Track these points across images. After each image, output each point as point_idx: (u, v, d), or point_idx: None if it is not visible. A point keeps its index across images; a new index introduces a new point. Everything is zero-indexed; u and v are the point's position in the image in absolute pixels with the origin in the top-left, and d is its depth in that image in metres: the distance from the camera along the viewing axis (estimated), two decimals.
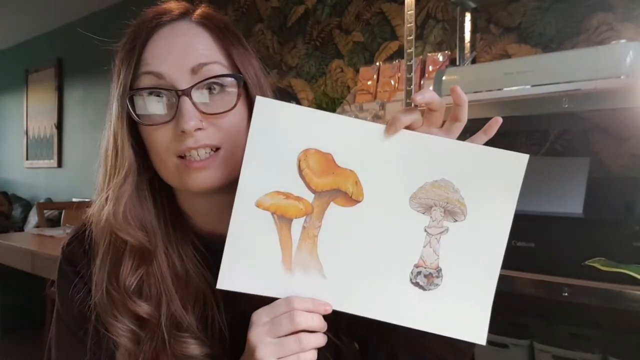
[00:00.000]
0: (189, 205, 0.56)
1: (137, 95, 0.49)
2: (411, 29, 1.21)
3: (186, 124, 0.47)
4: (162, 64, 0.49)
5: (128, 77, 0.49)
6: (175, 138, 0.48)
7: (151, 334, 0.50)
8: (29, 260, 1.95)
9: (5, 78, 4.69)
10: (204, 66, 0.49)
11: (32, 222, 3.53)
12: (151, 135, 0.49)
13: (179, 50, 0.49)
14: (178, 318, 0.51)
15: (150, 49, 0.49)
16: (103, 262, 0.51)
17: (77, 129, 3.81)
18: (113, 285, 0.50)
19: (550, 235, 1.02)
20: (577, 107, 0.96)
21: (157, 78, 0.49)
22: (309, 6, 2.10)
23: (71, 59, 3.88)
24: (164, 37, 0.50)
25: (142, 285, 0.51)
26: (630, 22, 1.26)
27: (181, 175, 0.50)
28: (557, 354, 1.09)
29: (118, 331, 0.50)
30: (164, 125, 0.49)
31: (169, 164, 0.50)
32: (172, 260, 0.52)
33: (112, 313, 0.50)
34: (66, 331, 0.57)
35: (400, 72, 1.65)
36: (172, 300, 0.51)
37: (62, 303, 0.57)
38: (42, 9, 3.57)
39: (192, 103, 0.48)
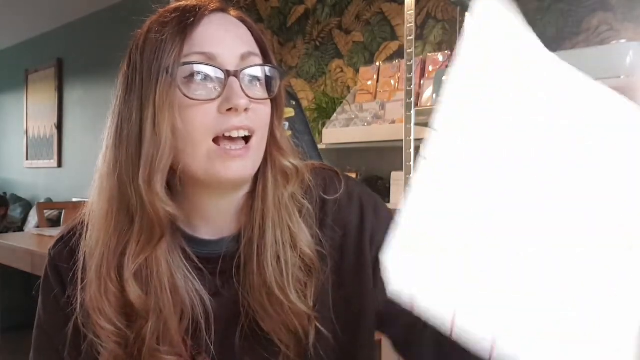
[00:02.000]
0: (199, 203, 0.54)
1: (181, 72, 0.48)
2: (411, 29, 1.21)
3: (239, 100, 0.47)
4: (214, 46, 0.49)
5: (176, 53, 0.47)
6: (219, 117, 0.48)
7: (135, 339, 0.49)
8: (29, 260, 1.95)
9: (5, 78, 4.69)
10: (250, 55, 0.51)
11: (32, 222, 3.53)
12: (192, 112, 0.48)
13: (231, 36, 0.50)
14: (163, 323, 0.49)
15: (202, 31, 0.49)
16: (104, 251, 0.50)
17: (77, 129, 3.81)
18: (111, 276, 0.49)
19: None
20: None
21: (208, 59, 0.49)
22: (309, 6, 2.10)
23: (71, 59, 3.88)
24: (215, 22, 0.51)
25: (138, 279, 0.49)
26: (630, 22, 1.26)
27: (213, 164, 0.48)
28: None
29: (106, 334, 0.49)
30: (209, 102, 0.48)
31: (202, 148, 0.48)
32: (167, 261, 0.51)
33: (103, 311, 0.49)
34: (44, 336, 0.56)
35: (400, 72, 1.66)
36: (162, 301, 0.49)
37: (43, 307, 0.56)
38: (42, 9, 3.57)
39: (240, 85, 0.48)
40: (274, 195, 0.53)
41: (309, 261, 0.53)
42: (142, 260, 0.49)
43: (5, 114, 4.76)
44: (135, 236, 0.49)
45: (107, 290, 0.49)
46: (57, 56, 3.97)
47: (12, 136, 4.63)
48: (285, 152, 0.54)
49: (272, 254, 0.51)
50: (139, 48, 0.51)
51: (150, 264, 0.50)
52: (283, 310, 0.51)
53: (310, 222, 0.54)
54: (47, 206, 3.01)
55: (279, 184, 0.53)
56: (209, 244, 0.54)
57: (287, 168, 0.53)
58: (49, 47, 4.08)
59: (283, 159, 0.53)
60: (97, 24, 3.56)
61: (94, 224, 0.52)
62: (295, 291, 0.51)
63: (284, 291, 0.51)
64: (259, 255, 0.52)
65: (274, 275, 0.51)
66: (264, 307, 0.51)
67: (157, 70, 0.48)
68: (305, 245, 0.53)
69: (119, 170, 0.49)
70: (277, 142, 0.53)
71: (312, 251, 0.53)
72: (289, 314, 0.51)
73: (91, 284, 0.50)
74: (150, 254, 0.50)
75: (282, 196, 0.53)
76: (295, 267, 0.52)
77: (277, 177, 0.53)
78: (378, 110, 1.59)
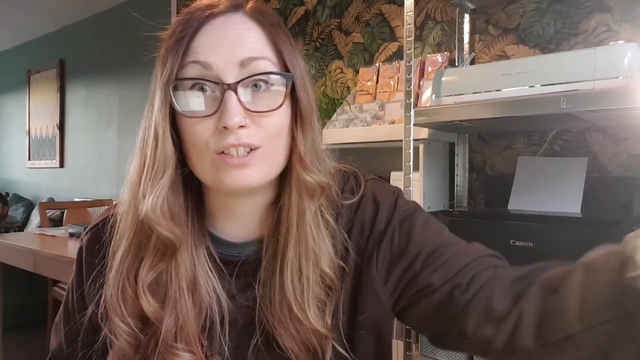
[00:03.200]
0: (218, 206, 0.54)
1: (181, 86, 0.47)
2: (410, 30, 1.22)
3: (230, 119, 0.45)
4: (210, 54, 0.46)
5: (175, 65, 0.46)
6: (217, 133, 0.46)
7: (150, 338, 0.49)
8: (31, 259, 1.96)
9: (8, 78, 4.71)
10: (253, 60, 0.47)
11: (34, 222, 3.54)
12: (191, 127, 0.47)
13: (229, 42, 0.47)
14: (181, 324, 0.49)
15: (200, 38, 0.47)
16: (125, 256, 0.50)
17: (79, 130, 3.82)
18: (129, 280, 0.49)
19: (548, 235, 1.03)
20: (575, 108, 0.96)
21: (204, 68, 0.46)
22: (309, 7, 2.11)
23: (73, 60, 3.90)
24: (215, 27, 0.47)
25: (155, 284, 0.50)
26: (628, 23, 1.27)
27: (217, 172, 0.47)
28: None
29: (120, 332, 0.49)
30: (206, 118, 0.46)
31: (206, 159, 0.47)
32: (189, 262, 0.51)
33: (120, 311, 0.49)
34: (65, 317, 0.58)
35: (399, 73, 1.66)
36: (180, 305, 0.49)
37: (70, 288, 0.58)
38: (44, 9, 3.58)
39: (237, 99, 0.46)
40: (298, 211, 0.51)
41: (329, 281, 0.52)
42: (159, 270, 0.50)
43: (7, 115, 4.77)
44: (152, 248, 0.49)
45: (124, 293, 0.50)
46: (59, 57, 3.98)
47: (14, 136, 4.65)
48: (308, 167, 0.50)
49: (294, 271, 0.51)
50: (158, 55, 0.49)
51: (169, 271, 0.50)
52: (301, 327, 0.50)
53: (336, 234, 0.53)
54: (49, 206, 3.02)
55: (302, 199, 0.51)
56: (231, 246, 0.54)
57: (309, 183, 0.50)
58: (51, 48, 4.09)
59: (305, 175, 0.50)
60: (99, 25, 3.57)
61: (121, 226, 0.52)
62: (314, 310, 0.51)
63: (304, 310, 0.50)
64: (282, 271, 0.51)
65: (295, 294, 0.50)
66: (282, 323, 0.51)
67: (160, 84, 0.47)
68: (326, 264, 0.51)
69: (138, 175, 0.49)
70: (300, 156, 0.50)
71: (333, 271, 0.52)
72: (308, 331, 0.50)
73: (111, 284, 0.50)
74: (167, 265, 0.50)
75: (305, 213, 0.51)
76: (317, 285, 0.51)
77: (301, 193, 0.51)
78: (378, 111, 1.60)
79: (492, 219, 1.17)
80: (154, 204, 0.47)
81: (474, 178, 1.53)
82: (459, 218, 1.22)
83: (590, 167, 1.22)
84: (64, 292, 2.30)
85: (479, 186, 1.53)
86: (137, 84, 3.21)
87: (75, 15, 3.69)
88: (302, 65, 0.51)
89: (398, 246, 0.53)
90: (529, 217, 1.12)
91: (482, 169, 1.52)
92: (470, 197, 1.52)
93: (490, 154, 1.50)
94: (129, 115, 3.30)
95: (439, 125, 1.35)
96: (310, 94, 0.51)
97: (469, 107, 1.13)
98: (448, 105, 1.16)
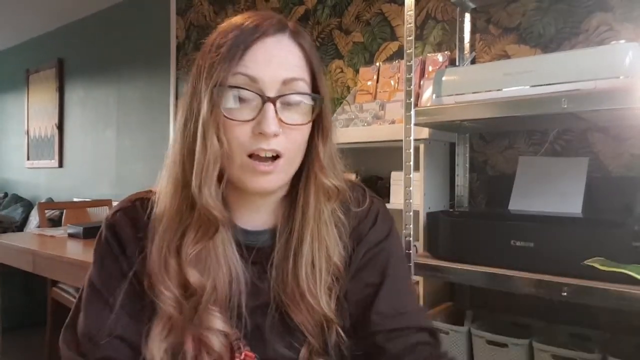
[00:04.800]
0: (235, 199, 0.60)
1: (228, 92, 0.54)
2: (411, 30, 1.21)
3: (268, 128, 0.53)
4: (259, 70, 0.54)
5: (226, 73, 0.53)
6: (252, 137, 0.54)
7: (192, 304, 0.55)
8: (30, 260, 1.96)
9: (6, 78, 4.70)
10: (293, 80, 0.55)
11: (33, 222, 3.53)
12: (232, 129, 0.54)
13: (276, 62, 0.55)
14: (216, 294, 0.56)
15: (252, 54, 0.54)
16: (165, 232, 0.56)
17: (78, 129, 3.82)
18: (172, 254, 0.56)
19: (549, 235, 1.02)
20: (576, 107, 0.96)
21: (251, 81, 0.54)
22: (309, 7, 2.11)
23: (72, 59, 3.89)
24: (266, 46, 0.55)
25: (195, 257, 0.56)
26: (630, 22, 1.26)
27: (244, 174, 0.55)
28: (557, 354, 1.09)
29: (165, 298, 0.55)
30: (245, 123, 0.54)
31: (237, 159, 0.55)
32: (223, 239, 0.57)
33: (164, 281, 0.55)
34: (95, 294, 0.59)
35: (400, 73, 1.66)
36: (218, 276, 0.56)
37: (96, 268, 0.60)
38: (43, 9, 3.57)
39: (275, 110, 0.54)
40: (315, 210, 0.59)
41: (336, 271, 0.60)
42: (202, 246, 0.56)
43: (6, 114, 4.76)
44: (194, 224, 0.55)
45: (167, 264, 0.56)
46: (58, 56, 3.97)
47: (13, 136, 4.64)
48: (327, 171, 0.59)
49: (307, 261, 0.59)
50: (204, 57, 0.56)
51: (208, 247, 0.56)
52: (313, 309, 0.58)
53: (342, 233, 0.62)
54: (48, 206, 3.01)
55: (320, 200, 0.59)
56: (248, 234, 0.61)
57: (327, 187, 0.59)
58: (50, 48, 4.08)
59: (324, 178, 0.59)
60: (98, 24, 3.56)
61: (162, 201, 0.58)
62: (325, 298, 0.59)
63: (316, 298, 0.58)
64: (295, 262, 0.59)
65: (308, 284, 0.58)
66: (294, 302, 0.58)
67: (209, 87, 0.54)
68: (336, 257, 0.60)
69: (182, 164, 0.56)
70: (320, 161, 0.59)
71: (340, 262, 0.61)
72: (317, 313, 0.58)
73: (153, 255, 0.56)
74: (208, 241, 0.56)
75: (322, 212, 0.60)
76: (328, 275, 0.59)
77: (319, 194, 0.59)
78: (378, 111, 1.59)
79: (492, 219, 1.16)
80: (211, 194, 0.54)
81: (474, 178, 1.53)
82: (459, 218, 1.21)
83: (591, 167, 1.21)
84: (63, 293, 2.28)
85: (479, 186, 1.52)
86: (135, 84, 3.20)
87: (74, 15, 3.68)
88: (326, 85, 0.60)
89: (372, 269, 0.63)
90: (529, 217, 1.11)
91: (482, 169, 1.52)
92: (470, 197, 1.52)
93: (491, 153, 1.49)
94: (127, 115, 3.29)
95: (440, 125, 1.34)
96: (330, 110, 0.60)
97: (469, 107, 1.13)
98: (449, 104, 1.16)
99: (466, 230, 1.17)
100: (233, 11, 2.51)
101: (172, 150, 0.58)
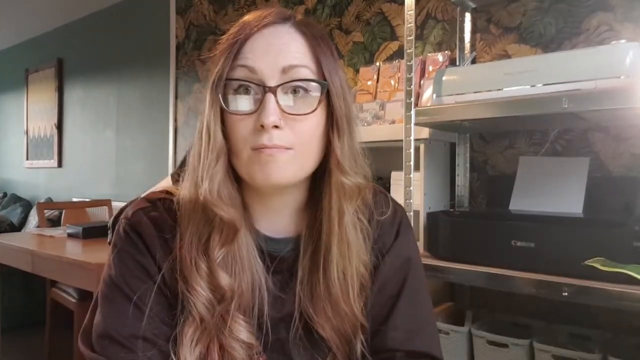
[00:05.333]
0: (254, 201, 0.58)
1: (229, 86, 0.53)
2: (411, 29, 1.21)
3: (266, 118, 0.50)
4: (257, 60, 0.52)
5: (226, 67, 0.52)
6: (254, 131, 0.51)
7: (223, 308, 0.54)
8: (29, 260, 1.96)
9: (6, 78, 4.69)
10: (293, 68, 0.52)
11: (32, 222, 3.53)
12: (234, 123, 0.53)
13: (275, 50, 0.52)
14: (241, 301, 0.54)
15: (250, 45, 0.53)
16: (192, 234, 0.54)
17: (77, 129, 3.81)
18: (201, 257, 0.54)
19: (550, 235, 1.02)
20: (577, 107, 0.96)
21: (250, 72, 0.52)
22: (309, 6, 2.10)
23: (71, 59, 3.88)
24: (264, 36, 0.53)
25: (222, 261, 0.54)
26: (630, 22, 1.26)
27: (253, 166, 0.52)
28: (557, 354, 1.09)
29: (198, 297, 0.53)
30: (247, 116, 0.52)
31: (243, 154, 0.53)
32: (245, 244, 0.56)
33: (196, 282, 0.53)
34: (119, 294, 0.55)
35: (400, 72, 1.65)
36: (242, 281, 0.54)
37: (118, 268, 0.56)
38: (42, 9, 3.57)
39: (276, 101, 0.51)
40: (338, 212, 0.56)
41: (362, 278, 0.58)
42: (227, 249, 0.54)
43: (5, 114, 4.76)
44: (217, 228, 0.54)
45: (198, 266, 0.54)
46: (57, 56, 3.96)
47: (12, 136, 4.63)
48: (345, 170, 0.55)
49: (339, 268, 0.56)
50: (213, 57, 0.55)
51: (234, 251, 0.55)
52: (342, 319, 0.56)
53: (367, 240, 0.59)
54: (47, 206, 3.01)
55: (340, 200, 0.56)
56: (271, 242, 0.58)
57: (346, 185, 0.55)
58: (49, 47, 4.08)
59: (343, 177, 0.55)
60: (98, 23, 3.55)
61: (186, 207, 0.56)
62: (359, 304, 0.57)
63: (350, 305, 0.56)
64: (326, 269, 0.56)
65: (341, 290, 0.56)
66: (323, 316, 0.56)
67: (211, 83, 0.53)
68: (361, 262, 0.58)
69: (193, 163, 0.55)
70: (337, 159, 0.54)
71: (366, 268, 0.59)
72: (346, 323, 0.56)
73: (186, 259, 0.54)
74: (232, 244, 0.54)
75: (344, 213, 0.56)
76: (358, 281, 0.57)
77: (339, 194, 0.56)
78: (378, 110, 1.59)
79: (493, 219, 1.16)
80: (211, 187, 0.52)
81: (475, 178, 1.52)
82: (459, 218, 1.21)
83: (592, 167, 1.21)
84: (62, 293, 2.28)
85: (480, 186, 1.52)
86: (135, 83, 3.20)
87: (73, 14, 3.68)
88: (341, 75, 0.57)
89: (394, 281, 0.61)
90: (530, 217, 1.11)
91: (483, 169, 1.51)
92: (471, 197, 1.52)
93: (492, 153, 1.49)
94: (127, 115, 3.28)
95: (440, 125, 1.34)
96: (348, 102, 0.56)
97: (470, 107, 1.12)
98: (449, 104, 1.16)
99: (466, 230, 1.17)
100: (233, 11, 2.51)
101: (192, 150, 0.57)
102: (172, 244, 0.56)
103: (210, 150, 0.53)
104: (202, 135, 0.54)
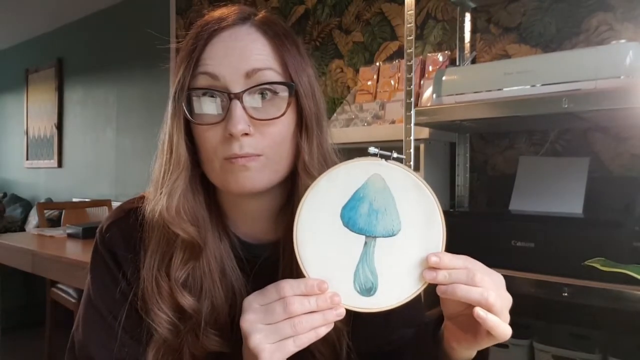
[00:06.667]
0: (230, 207, 0.57)
1: (193, 95, 0.50)
2: (411, 29, 1.21)
3: (234, 127, 0.48)
4: (218, 65, 0.50)
5: (186, 76, 0.50)
6: (223, 140, 0.49)
7: (190, 327, 0.52)
8: (29, 260, 1.95)
9: (6, 78, 4.69)
10: (257, 71, 0.50)
11: (32, 222, 3.53)
12: (202, 134, 0.50)
13: (235, 54, 0.50)
14: (216, 314, 0.52)
15: (209, 50, 0.50)
16: (154, 253, 0.53)
17: (77, 129, 3.81)
18: (162, 276, 0.52)
19: (550, 235, 1.02)
20: (577, 107, 0.96)
21: (212, 79, 0.50)
22: (309, 6, 2.10)
23: (71, 59, 3.88)
24: (223, 40, 0.51)
25: (188, 279, 0.52)
26: (630, 22, 1.26)
27: (225, 175, 0.51)
28: (557, 354, 1.09)
29: (160, 321, 0.51)
30: (215, 125, 0.50)
31: (215, 164, 0.51)
32: (218, 255, 0.54)
33: (157, 303, 0.51)
34: (96, 315, 0.56)
35: (400, 72, 1.65)
36: (214, 296, 0.52)
37: (94, 287, 0.57)
38: (42, 9, 3.57)
39: (243, 107, 0.49)
40: None
41: None
42: (191, 267, 0.52)
43: (5, 114, 4.75)
44: (179, 246, 0.52)
45: (159, 287, 0.52)
46: (57, 56, 3.96)
47: (12, 136, 4.63)
48: (312, 174, 0.52)
49: None
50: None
51: (202, 266, 0.52)
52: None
53: None
54: (47, 206, 3.01)
55: None
56: (248, 246, 0.57)
57: None
58: (49, 47, 4.08)
59: (310, 180, 0.51)
60: (98, 24, 3.55)
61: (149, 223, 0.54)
62: None
63: None
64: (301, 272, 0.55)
65: None
66: None
67: (173, 93, 0.51)
68: None
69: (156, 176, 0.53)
70: (304, 163, 0.52)
71: None
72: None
73: (145, 279, 0.52)
74: (197, 261, 0.52)
75: None
76: None
77: None
78: (378, 110, 1.59)
79: (493, 219, 1.16)
80: (168, 205, 0.50)
81: (475, 178, 1.52)
82: (459, 218, 1.21)
83: (592, 167, 1.21)
84: (62, 293, 2.28)
85: (480, 186, 1.52)
86: (135, 83, 3.20)
87: (73, 14, 3.68)
88: (310, 73, 0.54)
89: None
90: (530, 217, 1.11)
91: (483, 169, 1.51)
92: (471, 197, 1.51)
93: (492, 153, 1.49)
94: (127, 115, 3.28)
95: (440, 125, 1.34)
96: (317, 101, 0.54)
97: (470, 107, 1.12)
98: (449, 104, 1.16)
99: (466, 230, 1.17)
100: None
101: (155, 162, 0.55)
102: (139, 261, 0.54)
103: (171, 164, 0.51)
104: (164, 148, 0.52)
